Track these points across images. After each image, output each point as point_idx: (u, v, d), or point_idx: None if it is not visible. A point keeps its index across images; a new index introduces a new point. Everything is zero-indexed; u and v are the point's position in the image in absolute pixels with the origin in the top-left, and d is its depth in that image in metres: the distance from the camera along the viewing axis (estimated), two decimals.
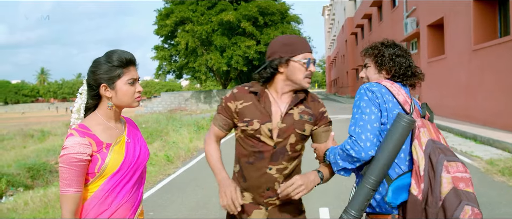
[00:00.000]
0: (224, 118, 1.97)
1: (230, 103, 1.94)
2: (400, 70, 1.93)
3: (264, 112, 1.89)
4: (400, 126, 1.64)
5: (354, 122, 1.75)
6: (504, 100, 9.27)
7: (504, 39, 9.36)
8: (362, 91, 1.80)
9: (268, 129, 1.87)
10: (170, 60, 34.63)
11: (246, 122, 1.89)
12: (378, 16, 26.76)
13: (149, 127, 16.36)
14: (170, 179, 6.93)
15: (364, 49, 2.06)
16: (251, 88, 1.95)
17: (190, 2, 31.52)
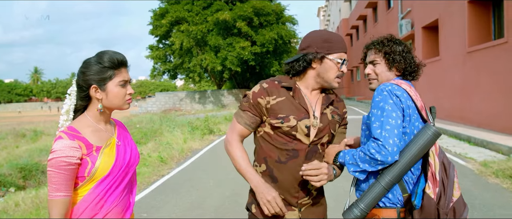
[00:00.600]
0: (252, 115, 1.84)
1: (261, 99, 1.81)
2: (411, 67, 1.93)
3: (299, 108, 1.81)
4: (427, 137, 1.69)
5: (380, 125, 1.69)
6: (499, 103, 9.30)
7: (499, 42, 9.39)
8: (385, 94, 1.75)
9: (306, 126, 1.79)
10: (165, 60, 34.51)
11: (281, 118, 1.78)
12: (373, 17, 26.83)
13: (143, 127, 16.28)
14: (164, 180, 6.87)
15: (371, 45, 1.99)
16: (283, 83, 1.85)
17: (186, 2, 31.42)
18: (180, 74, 36.26)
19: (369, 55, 2.01)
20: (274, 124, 1.79)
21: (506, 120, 8.95)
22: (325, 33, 1.84)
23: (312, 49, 1.81)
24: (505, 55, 9.06)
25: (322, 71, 1.83)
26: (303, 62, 1.83)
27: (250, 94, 1.85)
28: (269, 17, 30.24)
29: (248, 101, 1.84)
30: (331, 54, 1.82)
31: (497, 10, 10.60)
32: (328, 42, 1.82)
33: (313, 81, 1.86)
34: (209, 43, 29.85)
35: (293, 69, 1.86)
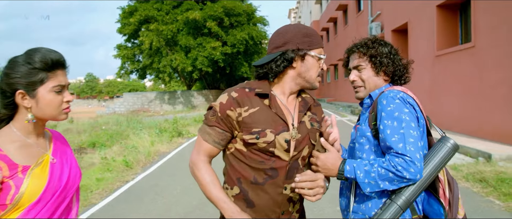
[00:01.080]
0: (221, 131, 1.56)
1: (231, 111, 1.53)
2: (400, 70, 1.76)
3: (277, 120, 1.56)
4: (446, 150, 1.55)
5: (402, 139, 1.50)
6: (466, 106, 9.42)
7: (466, 46, 9.51)
8: (398, 102, 1.58)
9: (285, 140, 1.55)
10: (134, 60, 33.69)
11: (256, 132, 1.52)
12: (344, 19, 27.06)
13: (109, 129, 15.67)
14: (128, 186, 6.50)
15: (355, 48, 1.80)
16: (256, 89, 1.58)
17: (155, 0, 30.79)
18: (149, 75, 35.50)
19: (352, 60, 1.81)
20: (248, 140, 1.53)
21: (473, 123, 9.07)
22: (303, 28, 1.62)
23: (292, 45, 1.57)
24: (472, 59, 9.18)
25: (303, 70, 1.60)
26: (283, 61, 1.57)
27: (216, 106, 1.57)
28: (240, 18, 30.02)
29: (215, 115, 1.56)
30: (313, 50, 1.60)
31: (464, 15, 10.76)
32: (309, 37, 1.60)
33: (293, 84, 1.62)
34: (179, 43, 29.34)
35: (271, 71, 1.59)
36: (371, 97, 1.77)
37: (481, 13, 8.79)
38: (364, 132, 1.69)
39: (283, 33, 1.61)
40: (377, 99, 1.66)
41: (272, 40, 1.63)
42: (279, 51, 1.58)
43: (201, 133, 1.62)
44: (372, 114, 1.67)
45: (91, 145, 12.19)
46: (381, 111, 1.59)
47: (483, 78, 8.71)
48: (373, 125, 1.65)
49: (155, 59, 31.22)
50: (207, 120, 1.60)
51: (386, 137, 1.54)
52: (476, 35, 9.02)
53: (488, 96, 8.53)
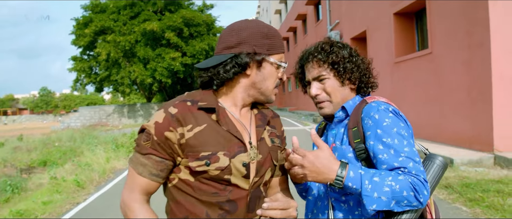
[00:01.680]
0: (160, 159, 1.22)
1: (170, 132, 1.20)
2: (366, 76, 1.50)
3: (230, 138, 1.24)
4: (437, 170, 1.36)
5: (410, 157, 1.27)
6: (426, 112, 9.52)
7: (424, 52, 9.66)
8: (392, 115, 1.35)
9: (243, 163, 1.24)
10: (90, 72, 32.46)
11: (206, 157, 1.20)
12: (303, 29, 27.32)
13: (62, 146, 14.84)
14: (79, 209, 6.00)
15: (310, 57, 1.49)
16: (200, 102, 1.26)
17: (112, 11, 29.90)
18: (107, 87, 34.33)
19: (309, 71, 1.51)
20: (196, 167, 1.21)
21: (433, 129, 9.16)
22: (264, 26, 1.31)
23: (247, 47, 1.26)
24: (430, 65, 9.32)
25: (259, 79, 1.30)
26: (235, 66, 1.25)
27: (150, 127, 1.23)
28: (200, 28, 29.67)
29: (150, 140, 1.22)
30: (273, 56, 1.30)
31: (419, 22, 10.97)
32: (269, 39, 1.29)
33: (245, 94, 1.32)
34: (138, 55, 28.58)
35: (218, 77, 1.27)
36: (344, 110, 1.48)
37: (437, 20, 8.94)
38: (344, 153, 1.40)
39: (237, 30, 1.29)
40: (362, 113, 1.40)
41: (223, 37, 1.30)
42: (231, 53, 1.26)
43: (133, 164, 1.26)
44: (354, 130, 1.39)
45: (42, 164, 11.45)
46: (375, 128, 1.33)
47: (441, 83, 8.83)
48: (357, 143, 1.38)
49: (113, 71, 30.24)
50: (139, 147, 1.25)
51: (391, 157, 1.29)
52: (432, 41, 9.16)
53: (447, 102, 8.65)
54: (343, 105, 1.47)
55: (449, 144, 8.50)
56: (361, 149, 1.36)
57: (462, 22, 7.90)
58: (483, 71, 7.26)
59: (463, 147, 7.99)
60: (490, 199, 4.90)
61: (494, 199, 4.87)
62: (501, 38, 7.00)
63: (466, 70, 7.84)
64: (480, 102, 7.45)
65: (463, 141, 8.04)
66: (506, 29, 7.00)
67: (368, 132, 1.35)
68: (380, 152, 1.31)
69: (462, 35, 7.92)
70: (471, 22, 7.57)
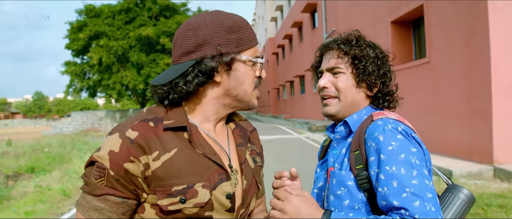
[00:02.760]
0: (120, 200, 0.95)
1: (131, 163, 0.94)
2: (386, 87, 1.28)
3: (208, 164, 1.00)
4: (460, 205, 1.10)
5: (417, 194, 1.00)
6: (424, 122, 9.35)
7: (421, 61, 9.52)
8: (401, 138, 1.09)
9: (227, 195, 1.01)
10: (83, 77, 32.18)
11: (180, 192, 0.95)
12: (299, 36, 27.23)
13: (52, 151, 14.51)
14: None
15: (334, 44, 1.28)
16: (166, 121, 1.00)
17: (106, 15, 29.74)
18: (99, 92, 34.05)
19: (326, 60, 1.29)
20: (167, 206, 0.95)
21: (431, 139, 8.98)
22: (226, 17, 1.03)
23: (210, 49, 0.99)
24: (427, 74, 9.17)
25: (233, 84, 1.04)
26: (198, 75, 0.99)
27: (103, 159, 0.95)
28: None
29: (105, 175, 0.94)
30: (244, 52, 1.04)
31: (417, 31, 10.85)
32: (236, 32, 1.02)
33: (218, 106, 1.06)
34: (131, 60, 28.36)
35: (176, 91, 1.00)
36: (346, 125, 1.26)
37: (436, 29, 8.80)
38: (344, 180, 1.16)
39: (194, 29, 1.01)
40: (365, 133, 1.15)
41: (179, 40, 1.03)
42: (191, 59, 1.00)
43: (83, 210, 0.96)
44: (356, 153, 1.15)
45: (30, 170, 11.13)
46: (378, 152, 1.08)
47: (439, 93, 8.67)
48: (359, 169, 1.13)
49: (105, 76, 30.01)
50: (91, 187, 0.96)
51: (392, 191, 1.02)
52: (431, 50, 9.02)
53: (445, 112, 8.49)
54: (346, 120, 1.25)
55: (447, 155, 8.32)
56: (363, 177, 1.12)
57: (461, 31, 7.76)
58: (483, 81, 7.10)
59: (462, 159, 7.81)
60: (494, 214, 4.69)
61: (498, 214, 4.67)
62: (501, 48, 6.86)
63: (465, 80, 7.69)
64: (479, 113, 7.28)
65: (462, 152, 7.86)
66: (507, 38, 6.85)
67: (371, 157, 1.11)
68: (381, 184, 1.06)
69: (461, 44, 7.77)
70: (470, 31, 7.43)
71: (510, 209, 4.80)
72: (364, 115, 1.25)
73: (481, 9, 7.02)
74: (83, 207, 0.96)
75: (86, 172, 0.98)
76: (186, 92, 1.00)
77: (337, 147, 1.26)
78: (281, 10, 35.80)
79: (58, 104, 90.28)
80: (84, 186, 0.98)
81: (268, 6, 42.03)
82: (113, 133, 0.97)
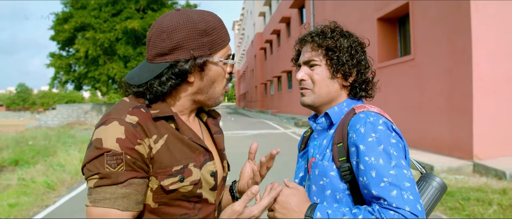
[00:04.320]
0: (143, 180, 0.99)
1: (139, 145, 0.98)
2: (362, 75, 1.30)
3: (195, 147, 1.08)
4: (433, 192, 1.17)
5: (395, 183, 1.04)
6: (406, 118, 9.52)
7: (406, 58, 9.66)
8: (381, 128, 1.14)
9: (211, 173, 1.11)
10: (69, 69, 31.76)
11: (179, 172, 1.03)
12: (287, 32, 27.29)
13: (36, 145, 14.34)
14: (48, 212, 5.71)
15: (309, 37, 1.31)
16: (153, 110, 1.05)
17: (93, 7, 29.31)
18: (85, 85, 33.65)
19: (303, 53, 1.34)
20: (169, 186, 1.02)
21: (414, 135, 9.15)
22: (199, 20, 1.06)
23: (184, 53, 1.04)
24: (412, 71, 9.32)
25: (205, 84, 1.10)
26: (172, 78, 1.04)
27: (115, 147, 0.96)
28: None
29: (123, 161, 0.95)
30: (217, 53, 1.10)
31: (402, 28, 10.99)
32: (209, 35, 1.06)
33: (190, 102, 1.13)
34: (118, 53, 28.09)
35: (152, 92, 1.05)
36: (327, 117, 1.30)
37: (420, 26, 8.94)
38: (326, 170, 1.21)
39: (169, 31, 1.04)
40: (347, 125, 1.20)
41: (153, 40, 1.06)
42: (165, 62, 1.05)
43: (109, 203, 0.95)
44: (339, 146, 1.20)
45: (13, 163, 11.00)
46: (359, 143, 1.13)
47: (423, 90, 8.83)
48: (342, 161, 1.18)
49: (92, 68, 29.69)
50: (111, 177, 0.95)
51: (371, 181, 1.08)
52: (415, 48, 9.16)
53: (428, 108, 8.65)
54: (327, 112, 1.29)
55: (429, 150, 8.49)
56: (346, 169, 1.17)
57: (444, 29, 7.91)
58: (464, 78, 7.26)
59: (443, 154, 7.98)
60: (471, 208, 4.84)
61: (475, 208, 4.82)
62: (483, 46, 7.01)
63: (448, 77, 7.84)
64: (460, 110, 7.45)
65: (443, 148, 8.03)
66: (488, 36, 7.01)
67: (352, 148, 1.16)
68: (361, 173, 1.11)
69: (444, 42, 7.92)
70: (453, 29, 7.58)
71: (486, 202, 4.95)
72: (345, 107, 1.30)
73: (464, 8, 7.16)
74: (107, 200, 0.94)
75: (94, 167, 0.96)
76: (161, 92, 1.05)
77: (318, 138, 1.31)
78: (269, 5, 35.80)
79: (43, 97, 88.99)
80: (101, 181, 0.95)
81: (257, 1, 41.98)
82: (109, 122, 0.99)
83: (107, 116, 1.01)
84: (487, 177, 6.40)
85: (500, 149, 7.09)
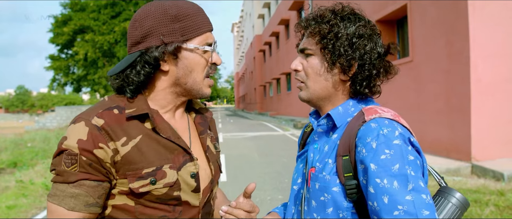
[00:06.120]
0: (95, 183, 0.98)
1: (100, 149, 0.97)
2: (365, 70, 1.07)
3: (173, 147, 1.05)
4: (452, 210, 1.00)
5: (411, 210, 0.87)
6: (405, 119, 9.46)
7: (405, 60, 9.68)
8: (398, 143, 0.94)
9: (191, 174, 1.06)
10: (68, 72, 31.82)
11: (150, 174, 1.00)
12: (285, 34, 27.33)
13: (36, 147, 14.34)
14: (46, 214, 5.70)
15: (304, 21, 1.13)
16: (128, 109, 1.03)
17: (92, 9, 29.40)
18: (84, 87, 33.70)
19: (302, 39, 1.16)
20: (139, 188, 1.00)
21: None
22: (170, 6, 1.03)
23: (154, 39, 1.02)
24: (410, 73, 9.34)
25: (181, 73, 1.06)
26: (145, 66, 1.02)
27: (72, 148, 0.96)
28: None
29: (77, 161, 0.96)
30: (191, 40, 1.04)
31: (401, 30, 11.02)
32: (181, 21, 1.03)
33: (171, 95, 1.09)
34: (117, 55, 28.13)
35: (128, 82, 1.04)
36: (329, 118, 1.12)
37: (418, 28, 8.96)
38: (328, 185, 1.03)
39: (140, 20, 1.03)
40: (355, 135, 1.01)
41: (129, 32, 1.07)
42: (138, 50, 1.03)
43: (58, 200, 0.97)
44: (345, 159, 1.01)
45: (12, 165, 10.97)
46: (369, 161, 0.94)
47: (421, 91, 8.85)
48: (348, 178, 1.00)
49: (91, 71, 29.74)
50: (63, 175, 0.97)
51: (383, 208, 0.90)
52: (413, 49, 9.18)
53: (426, 109, 8.66)
54: (329, 112, 1.11)
55: (427, 152, 8.51)
56: (352, 187, 0.99)
57: (442, 30, 7.93)
58: (462, 80, 7.28)
59: (441, 156, 8.00)
60: (468, 209, 4.84)
61: (472, 209, 4.82)
62: (480, 47, 7.03)
63: (446, 78, 7.86)
64: (458, 111, 7.46)
65: (441, 150, 8.04)
66: (485, 38, 7.04)
67: (361, 165, 0.97)
68: (370, 197, 0.93)
69: (442, 44, 7.95)
70: (451, 31, 7.60)
71: (484, 204, 4.96)
72: (351, 107, 1.11)
73: (461, 9, 7.19)
74: (57, 197, 0.97)
75: (55, 162, 0.99)
76: (138, 82, 1.03)
77: (319, 140, 1.14)
78: (268, 7, 35.86)
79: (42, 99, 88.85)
80: (56, 177, 0.98)
81: (256, 3, 42.06)
82: (77, 122, 0.99)
83: (79, 115, 1.02)
84: (485, 179, 6.41)
85: (498, 151, 7.11)
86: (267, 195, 5.82)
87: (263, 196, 5.78)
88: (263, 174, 7.39)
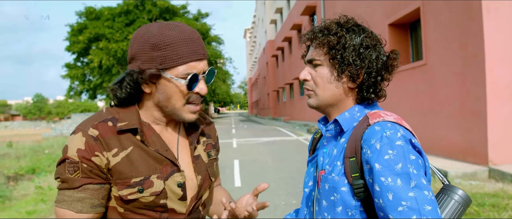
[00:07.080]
0: (98, 186, 1.08)
1: (96, 157, 1.06)
2: (370, 78, 1.14)
3: (160, 159, 1.12)
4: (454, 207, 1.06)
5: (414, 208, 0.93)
6: (418, 123, 9.45)
7: (418, 63, 9.61)
8: (400, 144, 1.00)
9: (178, 184, 1.14)
10: (84, 79, 32.34)
11: (138, 183, 1.08)
12: (298, 39, 27.33)
13: (53, 153, 14.60)
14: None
15: (311, 33, 1.20)
16: (120, 123, 1.11)
17: (106, 18, 29.87)
18: (100, 94, 34.18)
19: (310, 51, 1.22)
20: (127, 196, 1.09)
21: (427, 140, 9.08)
22: (154, 34, 1.07)
23: (137, 64, 1.09)
24: (424, 76, 9.27)
25: (162, 98, 1.12)
26: (129, 85, 1.10)
27: (73, 156, 1.06)
28: None
29: (79, 167, 1.05)
30: (169, 70, 1.08)
31: (414, 33, 10.96)
32: (161, 50, 1.06)
33: (158, 113, 1.16)
34: None
35: (117, 96, 1.14)
36: (337, 123, 1.19)
37: (432, 31, 8.90)
38: (337, 185, 1.10)
39: (132, 41, 1.12)
40: (361, 138, 1.07)
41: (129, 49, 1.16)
42: (127, 69, 1.12)
43: (66, 205, 1.06)
44: (352, 160, 1.08)
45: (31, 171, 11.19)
46: (374, 161, 1.01)
47: (435, 95, 8.77)
48: (355, 178, 1.07)
49: (106, 78, 30.15)
50: (68, 182, 1.06)
51: (388, 204, 0.96)
52: (427, 53, 9.12)
53: (441, 113, 8.58)
54: (337, 118, 1.17)
55: (443, 156, 8.42)
56: (359, 186, 1.05)
57: (456, 33, 7.87)
58: (478, 82, 7.21)
59: (457, 160, 7.91)
60: (486, 214, 4.79)
61: (490, 214, 4.76)
62: (495, 50, 6.96)
63: (460, 81, 7.79)
64: (474, 114, 7.38)
65: (457, 153, 7.95)
66: (500, 40, 6.96)
67: (366, 165, 1.03)
68: (376, 195, 0.99)
69: (456, 47, 7.88)
70: (465, 33, 7.54)
71: (502, 208, 4.90)
72: (357, 113, 1.17)
73: (476, 11, 7.13)
74: (65, 202, 1.06)
75: (59, 171, 1.09)
76: (122, 98, 1.13)
77: (328, 145, 1.20)
78: (280, 12, 35.94)
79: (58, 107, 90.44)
80: (61, 184, 1.08)
81: (268, 8, 42.21)
82: (76, 132, 1.09)
83: (78, 126, 1.11)
84: (503, 183, 6.32)
85: None
86: (282, 200, 5.83)
87: (277, 201, 5.79)
88: (277, 179, 7.40)
